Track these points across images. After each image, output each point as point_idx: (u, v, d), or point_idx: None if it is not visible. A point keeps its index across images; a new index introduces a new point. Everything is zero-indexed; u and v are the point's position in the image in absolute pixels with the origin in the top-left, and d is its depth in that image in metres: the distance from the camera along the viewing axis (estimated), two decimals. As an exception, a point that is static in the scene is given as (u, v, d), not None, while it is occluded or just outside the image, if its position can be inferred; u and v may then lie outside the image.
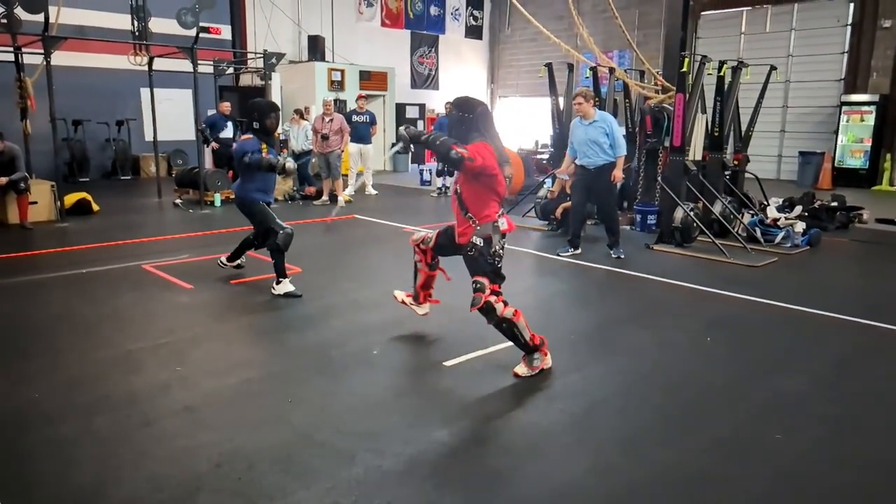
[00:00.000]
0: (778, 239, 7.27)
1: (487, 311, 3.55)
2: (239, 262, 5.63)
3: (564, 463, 2.72)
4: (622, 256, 6.54)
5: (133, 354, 3.83)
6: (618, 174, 6.52)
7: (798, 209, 8.01)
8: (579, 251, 6.72)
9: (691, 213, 7.04)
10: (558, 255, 6.67)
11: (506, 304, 3.59)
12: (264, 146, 4.97)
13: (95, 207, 8.78)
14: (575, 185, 6.88)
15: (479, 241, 3.61)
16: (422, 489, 2.50)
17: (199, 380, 3.50)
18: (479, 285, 3.59)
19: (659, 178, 7.86)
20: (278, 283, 5.02)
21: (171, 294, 5.14)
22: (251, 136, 5.00)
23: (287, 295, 4.97)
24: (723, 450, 2.85)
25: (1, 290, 5.19)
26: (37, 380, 3.45)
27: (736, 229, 7.34)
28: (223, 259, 5.61)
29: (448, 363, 3.73)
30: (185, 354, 3.88)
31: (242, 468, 2.61)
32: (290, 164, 4.97)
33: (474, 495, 2.46)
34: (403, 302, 4.33)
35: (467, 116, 3.70)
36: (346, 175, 11.21)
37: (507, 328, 3.58)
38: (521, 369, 3.64)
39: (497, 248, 3.65)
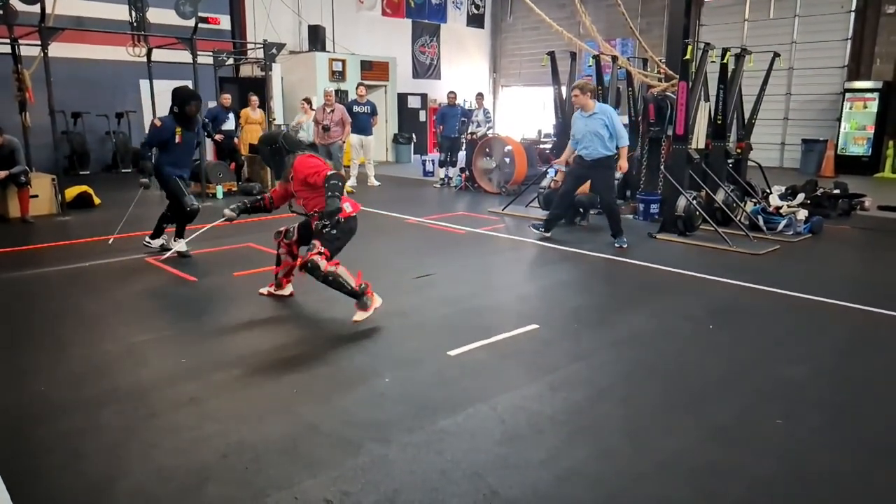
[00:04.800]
0: (780, 227, 7.27)
1: (313, 268, 4.01)
2: (163, 241, 6.08)
3: (568, 450, 2.74)
4: (625, 246, 6.54)
5: (138, 347, 3.85)
6: (623, 164, 6.52)
7: (800, 197, 8.00)
8: (549, 235, 6.84)
9: (694, 202, 7.03)
10: (530, 227, 6.87)
11: (329, 262, 4.08)
12: (179, 129, 5.68)
13: (97, 201, 8.77)
14: (569, 172, 6.87)
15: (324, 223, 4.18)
16: (427, 477, 2.52)
17: (205, 371, 3.52)
18: (311, 247, 4.11)
19: (662, 167, 7.85)
20: (175, 240, 5.88)
21: (175, 286, 5.16)
22: (170, 117, 5.70)
23: (180, 255, 5.78)
24: (725, 436, 2.87)
25: (4, 284, 5.21)
26: (43, 373, 3.48)
27: (738, 217, 7.33)
28: (147, 238, 6.14)
29: (452, 352, 3.75)
30: (190, 346, 3.90)
31: (249, 458, 2.63)
32: (145, 181, 5.95)
33: (479, 482, 2.48)
34: (270, 293, 4.77)
35: (276, 147, 4.35)
36: (349, 167, 11.20)
37: (334, 280, 4.05)
38: (359, 315, 4.09)
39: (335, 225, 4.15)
